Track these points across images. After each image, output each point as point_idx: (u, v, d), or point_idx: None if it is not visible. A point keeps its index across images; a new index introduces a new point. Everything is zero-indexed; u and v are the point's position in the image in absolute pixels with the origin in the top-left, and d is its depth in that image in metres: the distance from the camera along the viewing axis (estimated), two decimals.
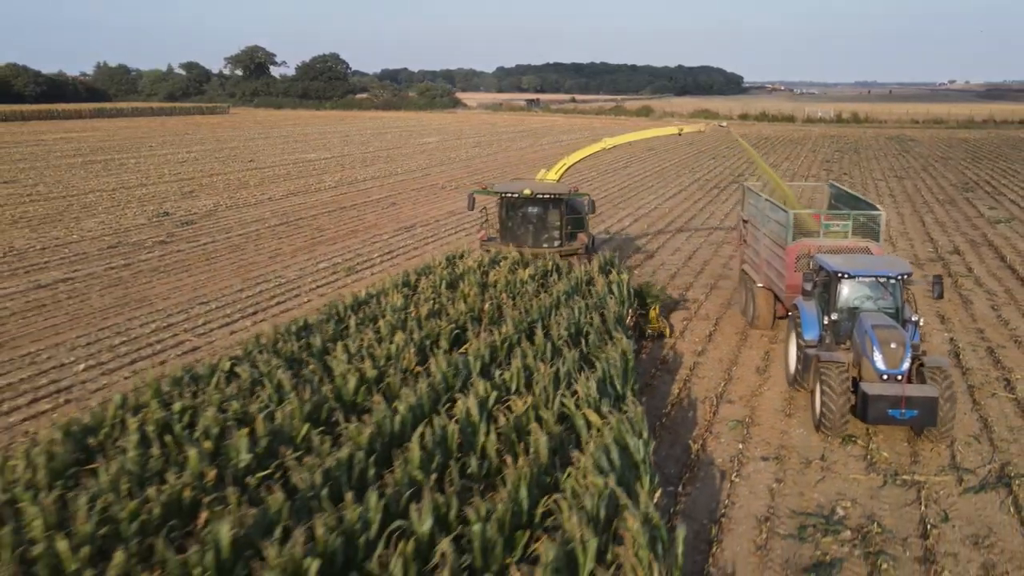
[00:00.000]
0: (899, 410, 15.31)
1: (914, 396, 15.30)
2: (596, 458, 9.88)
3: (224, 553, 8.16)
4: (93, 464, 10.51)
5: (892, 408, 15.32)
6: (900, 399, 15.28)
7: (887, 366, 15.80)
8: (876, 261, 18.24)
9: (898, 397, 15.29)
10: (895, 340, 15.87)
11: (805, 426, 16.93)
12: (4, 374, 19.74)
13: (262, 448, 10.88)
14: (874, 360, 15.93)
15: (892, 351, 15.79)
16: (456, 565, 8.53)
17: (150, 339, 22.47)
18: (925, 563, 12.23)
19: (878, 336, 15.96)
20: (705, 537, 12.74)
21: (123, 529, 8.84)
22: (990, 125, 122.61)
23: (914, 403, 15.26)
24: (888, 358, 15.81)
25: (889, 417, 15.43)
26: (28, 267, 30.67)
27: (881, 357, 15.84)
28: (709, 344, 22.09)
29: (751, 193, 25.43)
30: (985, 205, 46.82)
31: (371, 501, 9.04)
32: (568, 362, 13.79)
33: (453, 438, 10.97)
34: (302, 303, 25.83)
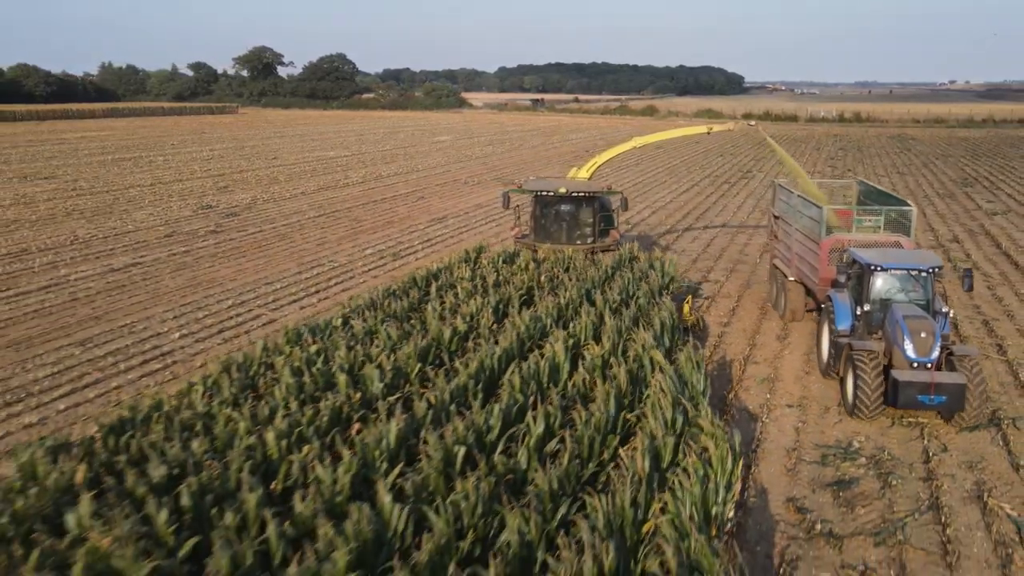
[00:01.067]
0: (928, 396, 16.08)
1: (943, 383, 16.03)
2: (667, 383, 12.40)
3: (392, 443, 10.66)
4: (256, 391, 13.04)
5: (921, 394, 16.09)
6: (929, 385, 16.03)
7: (917, 354, 16.55)
8: (908, 255, 18.97)
9: (927, 383, 16.04)
10: (925, 330, 16.61)
11: (822, 382, 19.43)
12: (111, 341, 22.25)
13: (388, 380, 13.40)
14: (905, 348, 16.68)
15: (922, 340, 16.54)
16: (557, 471, 10.99)
17: (229, 313, 24.97)
18: (928, 481, 14.76)
19: (909, 326, 16.70)
20: (745, 463, 15.22)
21: (304, 431, 11.35)
22: (989, 124, 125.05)
23: (943, 389, 16.03)
24: (918, 346, 16.55)
25: (919, 402, 16.21)
26: (97, 253, 33.19)
27: (912, 345, 16.59)
28: (733, 317, 24.59)
29: (782, 190, 25.90)
30: (983, 199, 49.35)
31: (493, 411, 11.56)
32: (626, 319, 16.33)
33: (544, 372, 13.49)
34: (359, 283, 28.32)
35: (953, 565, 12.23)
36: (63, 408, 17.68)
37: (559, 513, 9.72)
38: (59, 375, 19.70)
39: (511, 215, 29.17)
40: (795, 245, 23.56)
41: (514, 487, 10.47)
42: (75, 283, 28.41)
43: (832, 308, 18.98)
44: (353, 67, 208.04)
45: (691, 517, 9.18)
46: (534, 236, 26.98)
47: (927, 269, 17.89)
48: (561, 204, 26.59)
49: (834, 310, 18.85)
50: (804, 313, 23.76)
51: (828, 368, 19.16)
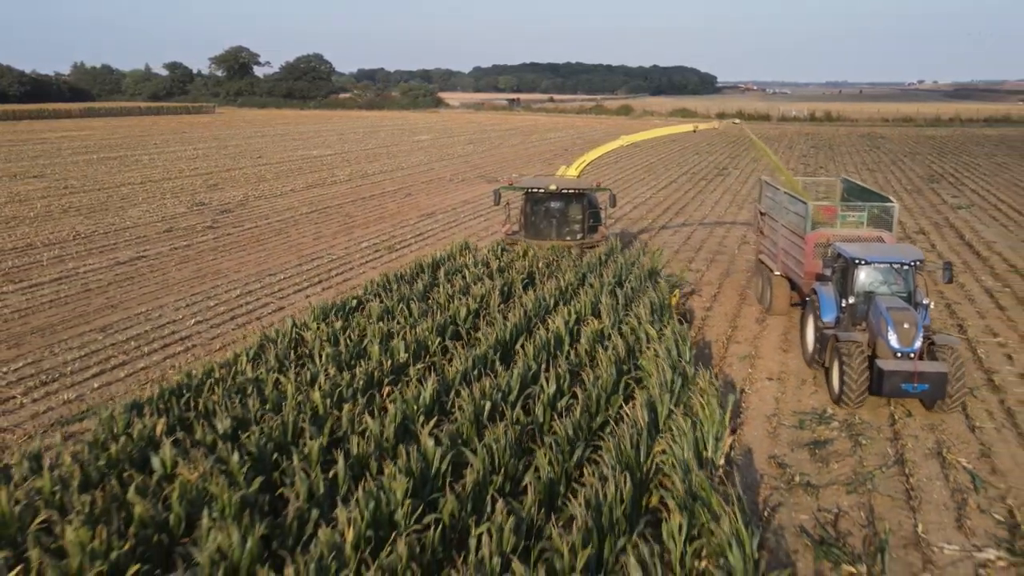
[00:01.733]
0: (912, 384, 16.68)
1: (926, 371, 16.64)
2: (662, 350, 13.98)
3: (428, 400, 12.15)
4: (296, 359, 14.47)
5: (905, 382, 16.70)
6: (913, 374, 16.65)
7: (900, 344, 17.14)
8: (890, 249, 19.52)
9: (911, 372, 16.66)
10: (908, 321, 17.18)
11: (799, 359, 21.10)
12: (129, 328, 23.52)
13: (412, 352, 14.88)
14: (889, 339, 17.24)
15: (905, 331, 17.12)
16: (571, 421, 12.53)
17: (238, 302, 26.29)
18: (894, 440, 16.45)
19: (892, 317, 17.26)
20: (731, 427, 16.84)
21: (343, 392, 12.80)
22: (956, 124, 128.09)
23: (926, 378, 16.64)
24: (902, 337, 17.13)
25: (902, 391, 16.83)
26: (100, 248, 34.33)
27: (895, 336, 17.17)
28: (714, 303, 26.24)
29: (769, 187, 26.56)
30: (948, 194, 51.49)
31: (512, 374, 13.08)
32: (621, 299, 17.89)
33: (551, 343, 15.03)
34: (359, 274, 29.68)
35: (916, 508, 13.88)
36: (97, 387, 18.96)
37: (575, 455, 11.26)
38: (87, 358, 20.95)
39: (499, 211, 30.11)
40: (781, 240, 24.21)
41: (533, 437, 12.00)
42: (85, 275, 29.59)
43: (817, 301, 19.54)
44: (330, 67, 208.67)
45: (687, 459, 10.70)
46: (524, 233, 27.56)
47: (909, 262, 18.48)
48: (551, 201, 27.18)
49: (819, 303, 19.42)
50: (789, 307, 24.41)
51: (813, 359, 19.80)
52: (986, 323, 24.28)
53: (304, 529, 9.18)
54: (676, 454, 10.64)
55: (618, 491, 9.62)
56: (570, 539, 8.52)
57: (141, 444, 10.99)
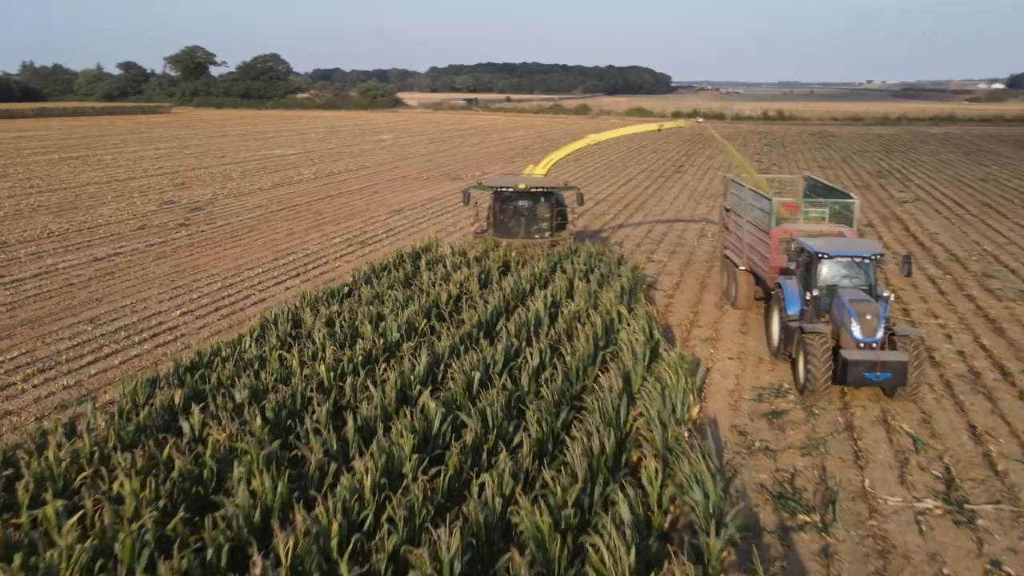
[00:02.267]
0: (874, 373, 17.30)
1: (887, 360, 17.30)
2: (635, 327, 15.31)
3: (422, 371, 13.32)
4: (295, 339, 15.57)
5: (868, 371, 17.29)
6: (875, 363, 17.27)
7: (863, 335, 17.72)
8: (852, 243, 20.22)
9: (873, 362, 17.28)
10: (870, 312, 17.79)
11: (757, 340, 22.58)
12: (117, 319, 24.32)
13: (403, 332, 16.06)
14: (852, 330, 17.80)
15: (868, 322, 17.71)
16: (555, 388, 13.79)
17: (220, 294, 27.16)
18: (844, 410, 17.97)
19: (855, 309, 17.85)
20: (699, 396, 18.24)
21: (343, 366, 13.93)
22: (903, 122, 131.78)
23: (887, 367, 17.28)
24: (864, 328, 17.71)
25: (865, 379, 17.44)
26: (76, 245, 34.89)
27: (858, 327, 17.73)
28: (676, 291, 27.68)
29: (734, 184, 27.03)
30: (895, 189, 53.70)
31: (497, 349, 14.30)
32: (593, 283, 19.21)
33: (531, 322, 16.29)
34: (334, 267, 30.67)
35: (863, 467, 15.36)
36: (94, 372, 19.82)
37: (560, 417, 12.51)
38: (79, 347, 21.76)
39: (465, 207, 30.05)
40: (746, 236, 24.75)
41: (520, 404, 13.26)
42: (65, 271, 30.22)
43: (782, 294, 20.02)
44: (287, 67, 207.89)
45: (661, 418, 12.01)
46: (493, 231, 27.87)
47: (870, 256, 19.20)
48: (519, 200, 27.51)
49: (784, 296, 19.91)
50: (754, 301, 25.00)
51: (779, 351, 20.30)
52: (928, 307, 26.01)
53: (324, 480, 10.33)
54: (651, 414, 11.92)
55: (602, 444, 10.89)
56: (563, 480, 9.76)
57: (164, 413, 12.03)
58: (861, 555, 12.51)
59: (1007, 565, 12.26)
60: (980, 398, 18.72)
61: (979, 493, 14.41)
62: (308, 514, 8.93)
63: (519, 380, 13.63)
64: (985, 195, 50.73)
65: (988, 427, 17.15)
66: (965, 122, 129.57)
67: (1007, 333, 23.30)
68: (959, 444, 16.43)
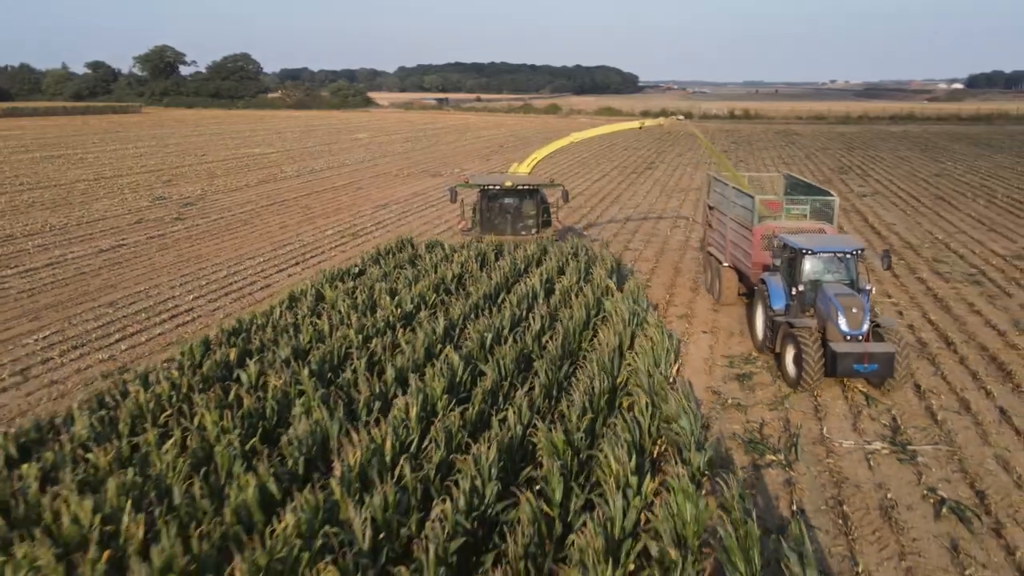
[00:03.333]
0: (863, 364, 17.79)
1: (875, 352, 17.80)
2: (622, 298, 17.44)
3: (441, 333, 15.35)
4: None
5: (856, 363, 17.76)
6: (863, 355, 17.76)
7: (850, 327, 18.19)
8: (834, 239, 20.69)
9: (861, 353, 17.77)
10: (856, 306, 18.27)
11: (728, 317, 24.81)
12: (135, 303, 26.05)
13: (416, 303, 18.08)
14: (839, 323, 18.24)
15: (854, 315, 18.20)
16: (557, 345, 15.85)
17: (226, 281, 28.95)
18: None
19: (841, 303, 18.31)
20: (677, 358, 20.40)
21: (368, 330, 15.92)
22: (864, 121, 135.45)
23: (875, 358, 17.77)
24: (851, 321, 18.18)
25: (854, 371, 17.86)
26: (79, 238, 36.45)
27: (845, 320, 18.19)
28: (653, 275, 29.86)
29: (716, 182, 27.55)
30: (856, 184, 56.43)
31: (504, 315, 16.37)
32: (582, 262, 21.34)
33: (530, 295, 18.38)
34: (331, 256, 32.53)
35: (822, 418, 17.58)
36: (124, 348, 21.60)
37: (563, 369, 14.60)
38: (105, 327, 23.50)
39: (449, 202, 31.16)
40: (729, 233, 25.21)
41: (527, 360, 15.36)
42: (75, 261, 31.84)
43: (767, 290, 20.51)
44: (257, 67, 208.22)
45: (648, 368, 14.12)
46: (480, 228, 28.86)
47: (852, 251, 19.72)
48: (506, 197, 28.55)
49: (768, 291, 20.38)
50: (737, 296, 25.40)
51: (764, 344, 20.84)
52: (882, 287, 28.40)
53: (371, 415, 12.32)
54: (640, 366, 14.02)
55: (600, 387, 12.98)
56: (573, 411, 11.84)
57: (221, 367, 13.96)
58: (819, 485, 14.70)
59: (940, 490, 14.50)
60: (925, 363, 21.03)
61: (920, 437, 16.66)
62: (366, 435, 10.95)
63: (524, 340, 15.70)
64: (939, 189, 53.59)
65: (931, 386, 19.43)
66: (923, 121, 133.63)
67: (952, 310, 25.69)
68: (905, 400, 18.69)
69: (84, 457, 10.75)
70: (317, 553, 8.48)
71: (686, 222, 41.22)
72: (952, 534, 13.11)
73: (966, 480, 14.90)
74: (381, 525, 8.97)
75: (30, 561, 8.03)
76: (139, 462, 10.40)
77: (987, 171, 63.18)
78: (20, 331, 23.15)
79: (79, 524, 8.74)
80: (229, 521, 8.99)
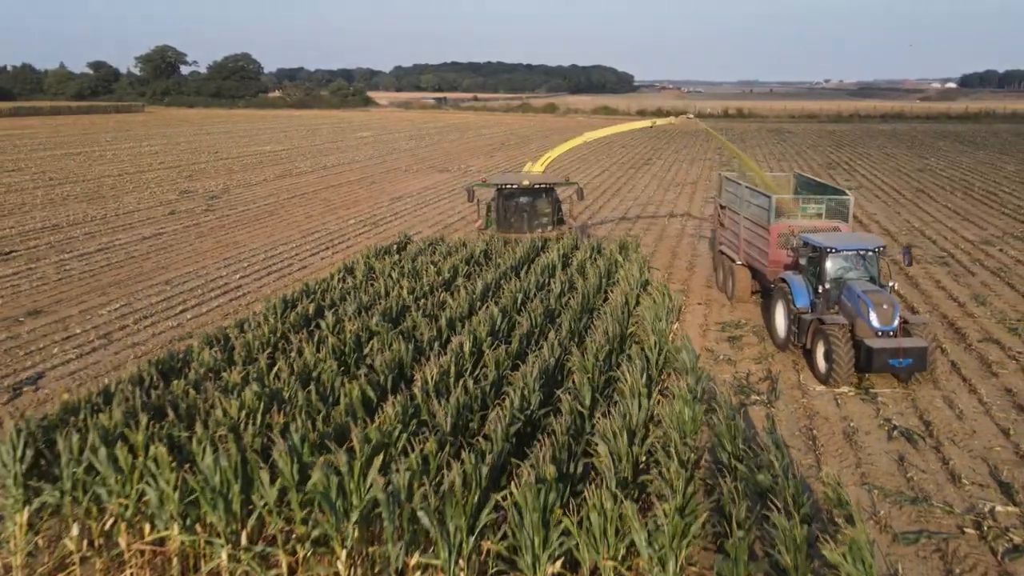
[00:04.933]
0: (897, 359, 18.09)
1: (909, 347, 18.11)
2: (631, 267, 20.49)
3: (478, 292, 18.44)
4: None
5: (892, 358, 18.06)
6: (898, 350, 18.08)
7: (882, 323, 18.46)
8: (855, 237, 21.10)
9: (896, 348, 18.09)
10: (886, 302, 18.60)
11: (721, 292, 27.82)
12: (187, 282, 28.99)
13: (452, 271, 21.15)
14: (870, 320, 18.50)
15: (884, 311, 18.51)
16: (576, 303, 18.84)
17: (266, 263, 31.92)
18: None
19: (871, 299, 18.61)
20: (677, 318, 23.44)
21: (417, 291, 18.98)
22: (855, 120, 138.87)
23: (909, 352, 18.09)
24: (881, 317, 18.48)
25: (889, 366, 18.19)
26: (121, 227, 39.39)
27: (876, 316, 18.47)
28: (652, 257, 32.92)
29: (728, 182, 28.01)
30: (842, 178, 59.54)
31: (529, 280, 19.41)
32: (593, 240, 24.43)
33: (548, 267, 21.47)
34: (357, 242, 35.52)
35: (799, 371, 20.58)
36: (189, 318, 24.59)
37: (582, 321, 17.63)
38: (166, 301, 26.45)
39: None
40: (743, 232, 25.62)
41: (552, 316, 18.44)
42: (123, 247, 34.80)
43: (789, 288, 20.78)
44: (258, 66, 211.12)
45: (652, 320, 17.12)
46: (497, 226, 30.02)
47: (874, 249, 20.07)
48: (521, 195, 29.76)
49: (791, 290, 20.65)
50: (751, 294, 26.02)
51: (786, 342, 21.17)
52: None
53: (431, 350, 15.35)
54: (646, 316, 17.06)
55: (614, 331, 16.00)
56: (593, 345, 14.86)
57: (301, 319, 17.01)
58: (794, 418, 17.73)
59: (894, 420, 17.54)
60: None
61: (882, 384, 19.68)
62: (434, 360, 14.00)
63: (549, 300, 18.74)
64: (920, 183, 56.76)
65: None
66: (913, 119, 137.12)
67: (920, 286, 28.73)
68: None
69: (216, 376, 13.73)
70: (412, 433, 11.47)
71: (684, 214, 44.28)
72: (901, 451, 16.15)
73: (916, 413, 17.94)
74: (456, 418, 11.98)
75: (209, 432, 11.01)
76: (257, 380, 13.33)
77: (967, 166, 66.42)
78: (93, 304, 26.10)
79: (229, 417, 11.70)
80: (341, 414, 11.96)
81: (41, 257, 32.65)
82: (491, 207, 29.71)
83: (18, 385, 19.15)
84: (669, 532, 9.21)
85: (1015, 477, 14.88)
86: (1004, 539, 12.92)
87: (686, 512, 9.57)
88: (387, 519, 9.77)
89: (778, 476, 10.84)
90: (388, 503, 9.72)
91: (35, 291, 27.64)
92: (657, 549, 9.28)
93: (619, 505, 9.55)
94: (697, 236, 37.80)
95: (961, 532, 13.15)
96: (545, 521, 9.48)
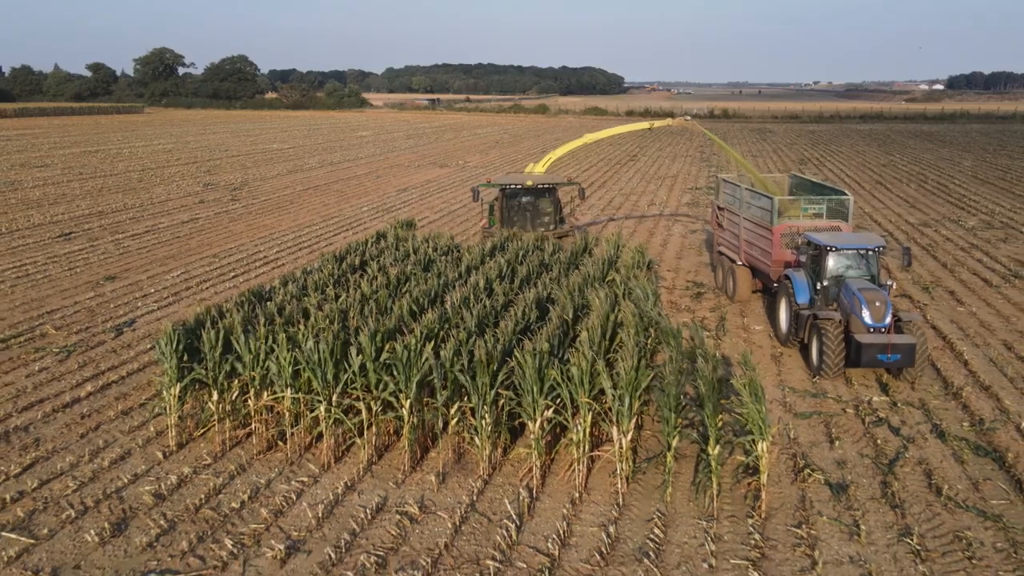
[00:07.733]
0: (886, 355, 18.49)
1: (898, 343, 18.61)
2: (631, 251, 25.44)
3: (485, 253, 23.41)
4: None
5: (880, 353, 18.50)
6: (887, 346, 18.53)
7: (874, 320, 18.98)
8: (855, 236, 21.68)
9: (885, 344, 18.55)
10: (879, 299, 19.10)
11: (688, 261, 32.73)
12: (230, 255, 33.75)
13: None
14: (863, 316, 19.05)
15: (877, 308, 19.01)
16: (562, 263, 23.72)
17: (296, 242, 36.72)
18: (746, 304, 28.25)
19: (865, 296, 19.17)
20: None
21: (439, 249, 23.95)
22: (835, 120, 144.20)
23: (898, 348, 18.57)
24: (874, 314, 19.00)
25: (878, 361, 18.61)
26: (160, 212, 44.11)
27: (869, 313, 19.00)
28: (632, 237, 37.82)
29: (728, 184, 28.88)
30: (811, 172, 64.57)
31: (544, 255, 24.36)
32: (592, 232, 29.37)
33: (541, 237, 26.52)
34: (373, 225, 40.20)
35: (745, 317, 25.50)
36: (241, 282, 29.35)
37: (569, 269, 22.61)
38: (218, 271, 31.18)
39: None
40: (744, 233, 26.37)
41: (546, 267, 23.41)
42: (167, 229, 39.54)
43: (791, 285, 21.52)
44: (255, 68, 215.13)
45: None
46: (501, 225, 31.29)
47: (873, 248, 20.61)
48: (525, 195, 30.39)
49: (793, 287, 21.38)
50: (752, 293, 26.96)
51: (788, 337, 21.97)
52: None
53: (456, 285, 20.38)
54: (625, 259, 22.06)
55: (595, 273, 20.98)
56: (578, 279, 19.88)
57: (350, 268, 22.00)
58: (737, 347, 22.61)
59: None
60: None
61: None
62: (459, 290, 19.00)
63: (543, 256, 23.74)
64: (880, 176, 61.89)
65: None
66: (891, 120, 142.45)
67: None
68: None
69: (298, 301, 18.62)
70: (447, 330, 16.42)
71: (661, 201, 49.22)
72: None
73: None
74: (479, 320, 16.93)
75: (310, 327, 15.95)
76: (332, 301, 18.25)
77: (928, 162, 71.62)
78: (156, 272, 30.86)
79: (323, 317, 16.62)
80: (394, 320, 16.82)
81: (97, 237, 37.37)
82: (495, 207, 31.55)
83: (119, 327, 23.93)
84: (626, 380, 14.12)
85: (891, 380, 19.80)
86: (872, 416, 17.86)
87: (640, 369, 14.48)
88: (436, 379, 14.69)
89: (707, 355, 15.72)
90: (437, 367, 14.65)
91: (103, 263, 32.37)
92: (617, 392, 14.19)
93: (592, 363, 14.46)
94: (672, 220, 42.71)
95: (843, 412, 18.10)
96: (541, 376, 14.38)
